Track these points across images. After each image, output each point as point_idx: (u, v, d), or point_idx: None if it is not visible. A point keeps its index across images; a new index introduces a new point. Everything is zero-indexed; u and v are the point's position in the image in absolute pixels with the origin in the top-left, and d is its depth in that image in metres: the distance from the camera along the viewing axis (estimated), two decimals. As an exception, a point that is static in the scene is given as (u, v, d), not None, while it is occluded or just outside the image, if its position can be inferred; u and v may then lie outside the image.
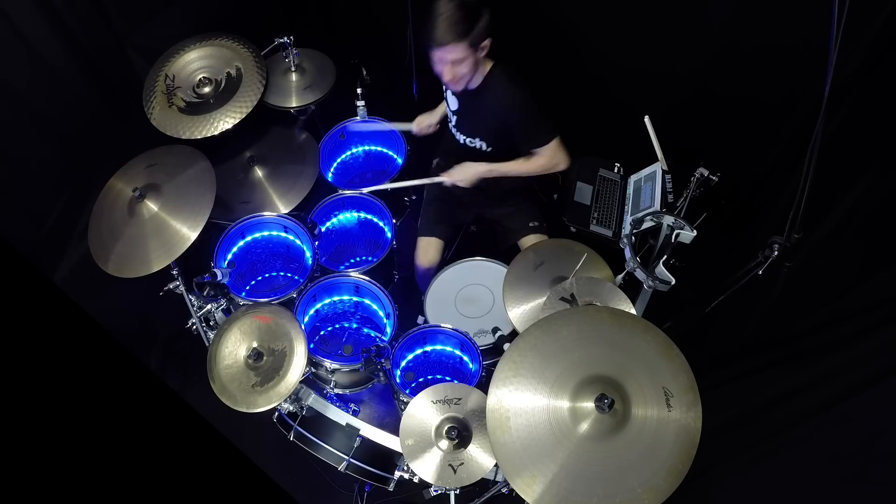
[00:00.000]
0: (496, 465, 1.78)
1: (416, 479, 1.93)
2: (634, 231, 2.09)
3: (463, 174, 2.23)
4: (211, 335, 2.21)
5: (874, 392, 1.44)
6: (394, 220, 2.41)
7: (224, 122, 2.34)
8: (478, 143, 2.25)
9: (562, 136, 2.18)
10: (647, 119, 2.19)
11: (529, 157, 2.18)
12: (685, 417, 1.41)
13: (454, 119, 2.28)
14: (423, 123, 2.50)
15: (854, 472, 1.44)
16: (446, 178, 2.28)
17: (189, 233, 2.05)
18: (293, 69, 2.65)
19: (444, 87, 2.27)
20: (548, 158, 2.16)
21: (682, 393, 1.43)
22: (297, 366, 1.86)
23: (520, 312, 1.96)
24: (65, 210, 2.62)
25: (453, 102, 2.24)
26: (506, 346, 2.01)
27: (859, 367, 1.54)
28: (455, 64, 1.95)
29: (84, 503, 0.65)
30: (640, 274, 1.90)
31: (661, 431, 1.41)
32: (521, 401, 1.47)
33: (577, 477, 1.38)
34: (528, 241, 2.40)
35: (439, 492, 1.83)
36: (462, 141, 2.29)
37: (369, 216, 2.54)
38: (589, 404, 1.42)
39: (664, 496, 1.34)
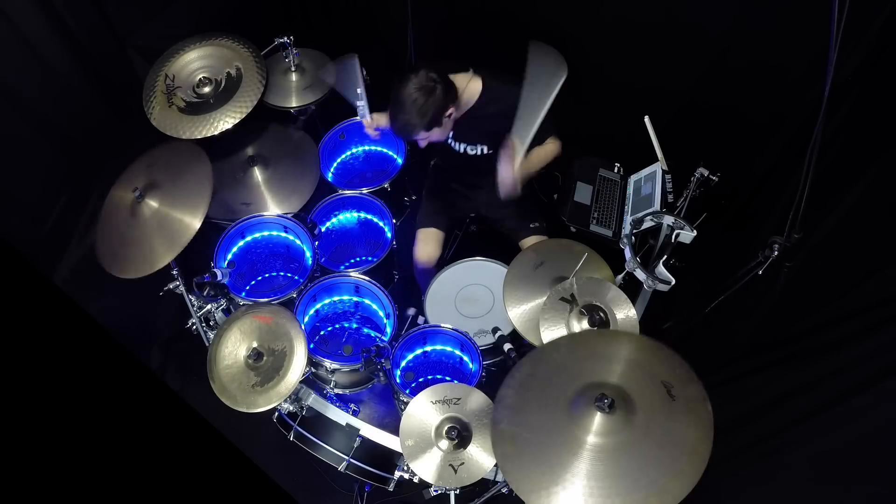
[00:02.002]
0: (496, 465, 1.78)
1: (416, 479, 1.93)
2: (634, 231, 2.09)
3: (513, 185, 2.09)
4: (211, 335, 2.21)
5: (874, 392, 1.44)
6: (394, 220, 2.41)
7: (224, 122, 2.34)
8: (478, 148, 2.26)
9: (562, 136, 2.19)
10: (647, 119, 2.19)
11: (537, 150, 2.20)
12: (691, 402, 1.41)
13: (451, 133, 2.27)
14: (379, 123, 2.34)
15: (854, 472, 1.44)
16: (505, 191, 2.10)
17: (192, 221, 2.04)
18: (293, 69, 2.65)
19: None
20: (550, 149, 2.22)
21: (683, 384, 1.44)
22: (297, 366, 1.86)
23: (520, 312, 1.96)
24: (65, 210, 2.63)
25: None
26: (506, 346, 2.01)
27: (859, 367, 1.54)
28: (424, 139, 2.06)
29: (84, 503, 0.65)
30: (640, 274, 1.90)
31: (671, 419, 1.40)
32: (529, 439, 1.47)
33: (605, 480, 1.37)
34: (529, 241, 2.40)
35: (439, 492, 1.83)
36: (461, 150, 2.29)
37: (369, 216, 2.54)
38: (591, 410, 1.42)
39: (693, 481, 1.32)
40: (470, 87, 2.10)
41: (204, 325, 2.22)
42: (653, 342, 1.55)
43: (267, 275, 2.54)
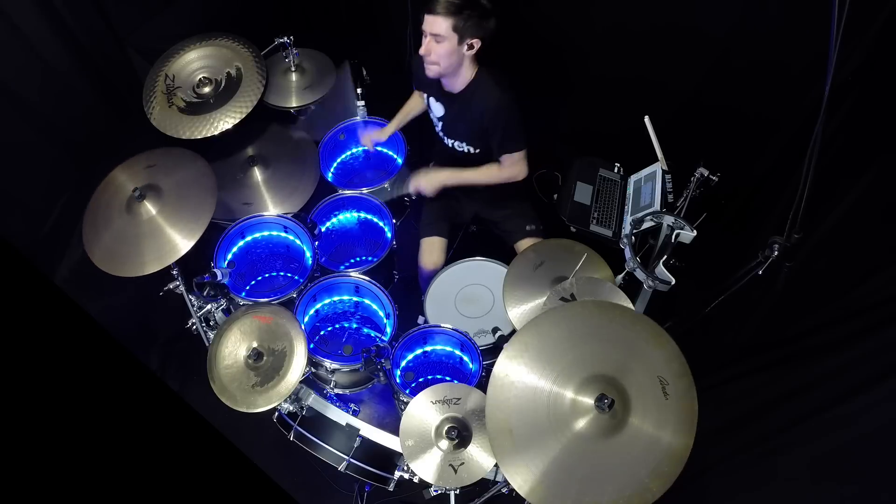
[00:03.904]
0: (496, 465, 1.78)
1: (416, 479, 1.93)
2: (634, 231, 2.09)
3: (426, 181, 2.27)
4: (211, 335, 2.21)
5: (874, 392, 1.44)
6: (394, 220, 2.41)
7: (224, 122, 2.34)
8: (465, 147, 2.25)
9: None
10: (647, 119, 2.19)
11: (491, 166, 2.22)
12: (682, 400, 1.43)
13: (440, 125, 2.28)
14: (372, 141, 2.58)
15: (854, 472, 1.44)
16: (410, 188, 2.31)
17: (183, 241, 2.01)
18: (293, 69, 2.65)
19: (427, 96, 2.30)
20: (509, 168, 2.20)
21: (676, 379, 1.45)
22: (297, 366, 1.86)
23: (520, 312, 1.96)
24: (65, 210, 2.62)
25: (439, 109, 2.24)
26: (506, 346, 2.01)
27: (859, 367, 1.54)
28: (436, 39, 1.94)
29: (84, 503, 0.65)
30: (640, 274, 1.90)
31: (662, 419, 1.42)
32: (526, 380, 1.49)
33: (571, 466, 1.40)
34: (524, 244, 2.39)
35: (439, 492, 1.83)
36: (450, 145, 2.29)
37: (369, 216, 2.54)
38: (588, 400, 1.44)
39: (669, 482, 1.34)
40: (470, 69, 2.09)
41: (204, 325, 2.22)
42: (654, 325, 1.55)
43: (267, 275, 2.54)
